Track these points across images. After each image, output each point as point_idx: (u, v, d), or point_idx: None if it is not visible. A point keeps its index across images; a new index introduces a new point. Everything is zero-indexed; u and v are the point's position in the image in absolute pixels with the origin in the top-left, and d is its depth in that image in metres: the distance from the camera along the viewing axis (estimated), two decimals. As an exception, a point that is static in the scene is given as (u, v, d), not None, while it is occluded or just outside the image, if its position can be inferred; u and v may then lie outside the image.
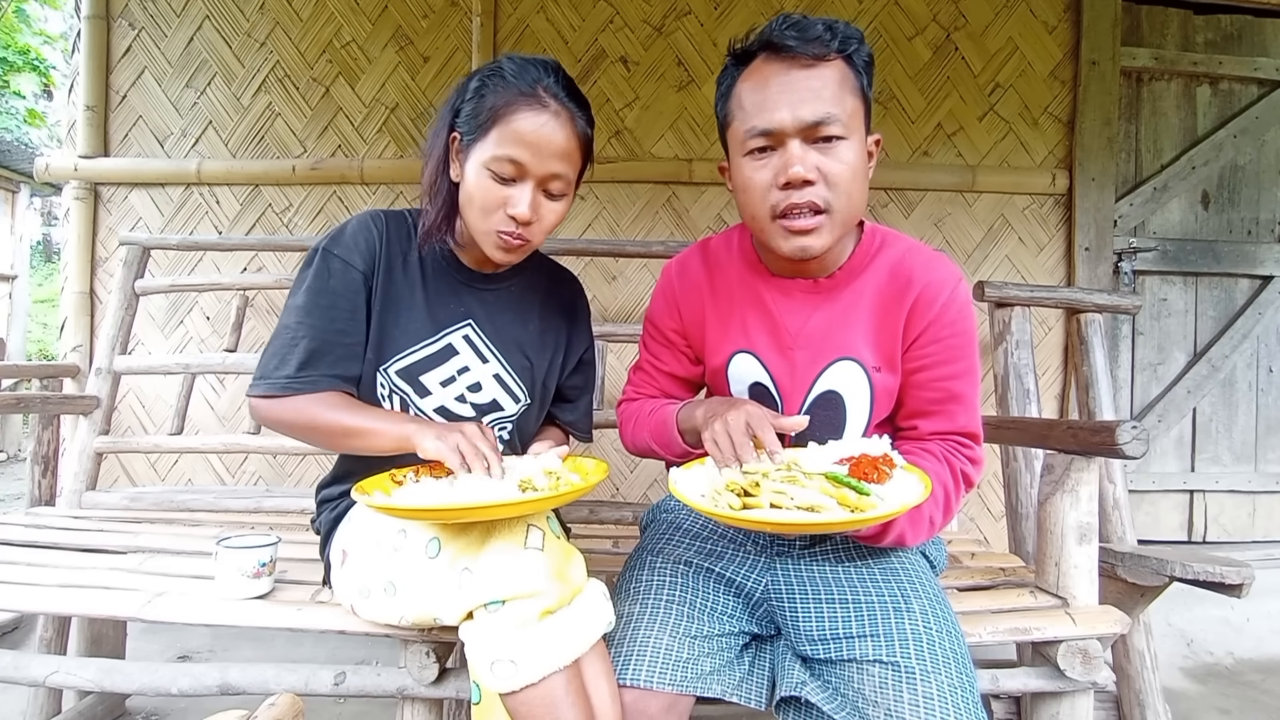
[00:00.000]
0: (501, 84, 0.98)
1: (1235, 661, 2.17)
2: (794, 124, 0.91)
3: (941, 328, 1.00)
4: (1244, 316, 2.45)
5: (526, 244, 1.03)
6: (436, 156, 1.05)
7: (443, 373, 1.09)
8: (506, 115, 0.97)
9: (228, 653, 2.07)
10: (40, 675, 1.15)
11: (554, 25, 2.31)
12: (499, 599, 0.85)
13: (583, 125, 1.03)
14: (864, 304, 1.02)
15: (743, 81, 0.96)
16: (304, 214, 2.32)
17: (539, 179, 0.99)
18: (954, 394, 1.01)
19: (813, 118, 0.91)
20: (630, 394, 1.20)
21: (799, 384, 1.04)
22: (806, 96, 0.91)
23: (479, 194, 0.99)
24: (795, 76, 0.91)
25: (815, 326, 1.03)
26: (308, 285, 1.03)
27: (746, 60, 0.97)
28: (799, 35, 0.91)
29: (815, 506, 0.82)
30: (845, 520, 0.80)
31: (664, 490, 2.22)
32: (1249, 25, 2.45)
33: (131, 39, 2.32)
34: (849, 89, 0.93)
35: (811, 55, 0.91)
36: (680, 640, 0.95)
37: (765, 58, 0.94)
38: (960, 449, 1.01)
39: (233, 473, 2.31)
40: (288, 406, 1.00)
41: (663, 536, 1.12)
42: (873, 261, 1.04)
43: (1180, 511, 2.49)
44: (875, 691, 0.89)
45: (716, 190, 2.31)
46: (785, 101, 0.91)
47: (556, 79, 1.01)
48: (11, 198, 6.78)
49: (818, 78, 0.91)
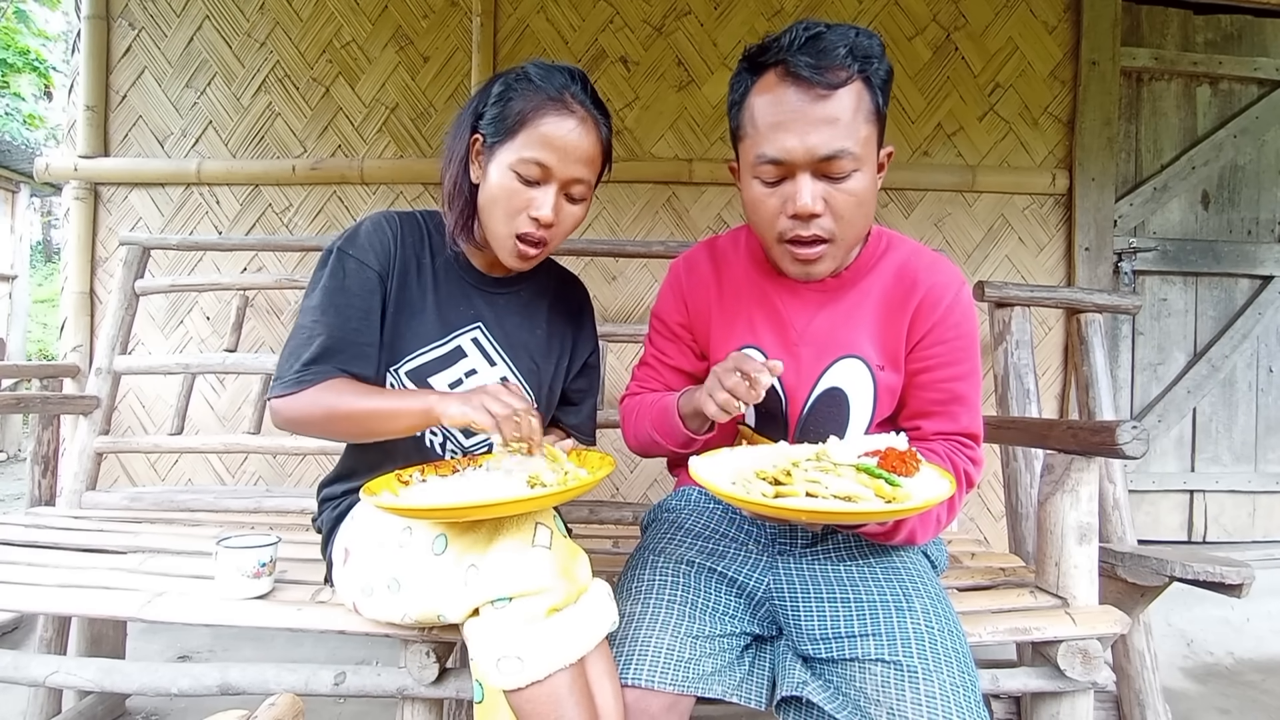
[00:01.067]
0: (529, 88, 1.00)
1: (1235, 661, 2.17)
2: (805, 156, 0.90)
3: (945, 330, 1.01)
4: (1244, 316, 2.46)
5: (544, 247, 1.04)
6: (458, 158, 1.06)
7: (451, 375, 1.09)
8: (534, 119, 0.99)
9: (228, 653, 2.07)
10: (40, 675, 1.15)
11: (554, 25, 2.31)
12: (506, 595, 0.85)
13: (605, 133, 1.05)
14: (869, 304, 1.04)
15: (756, 95, 0.94)
16: (304, 214, 2.32)
17: (562, 182, 1.01)
18: (957, 395, 1.02)
19: (825, 153, 0.90)
20: (634, 389, 1.21)
21: (804, 380, 1.05)
22: (820, 128, 0.89)
23: (503, 195, 1.01)
24: (809, 106, 0.89)
25: (821, 324, 1.05)
26: (323, 285, 1.04)
27: (760, 70, 0.94)
28: (814, 64, 0.88)
29: (852, 496, 0.82)
30: (883, 510, 0.80)
31: (664, 490, 2.23)
32: (1249, 25, 2.45)
33: (131, 39, 2.32)
34: (864, 115, 0.91)
35: (827, 84, 0.88)
36: (682, 640, 0.95)
37: (780, 74, 0.91)
38: (962, 449, 1.03)
39: (233, 473, 2.31)
40: (302, 401, 0.99)
41: (665, 536, 1.12)
42: (878, 263, 1.05)
43: (1180, 511, 2.49)
44: (877, 690, 0.89)
45: (716, 190, 2.31)
46: (797, 132, 0.89)
47: (583, 87, 1.03)
48: (11, 198, 6.78)
49: (833, 107, 0.89)
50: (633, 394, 1.20)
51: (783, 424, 1.07)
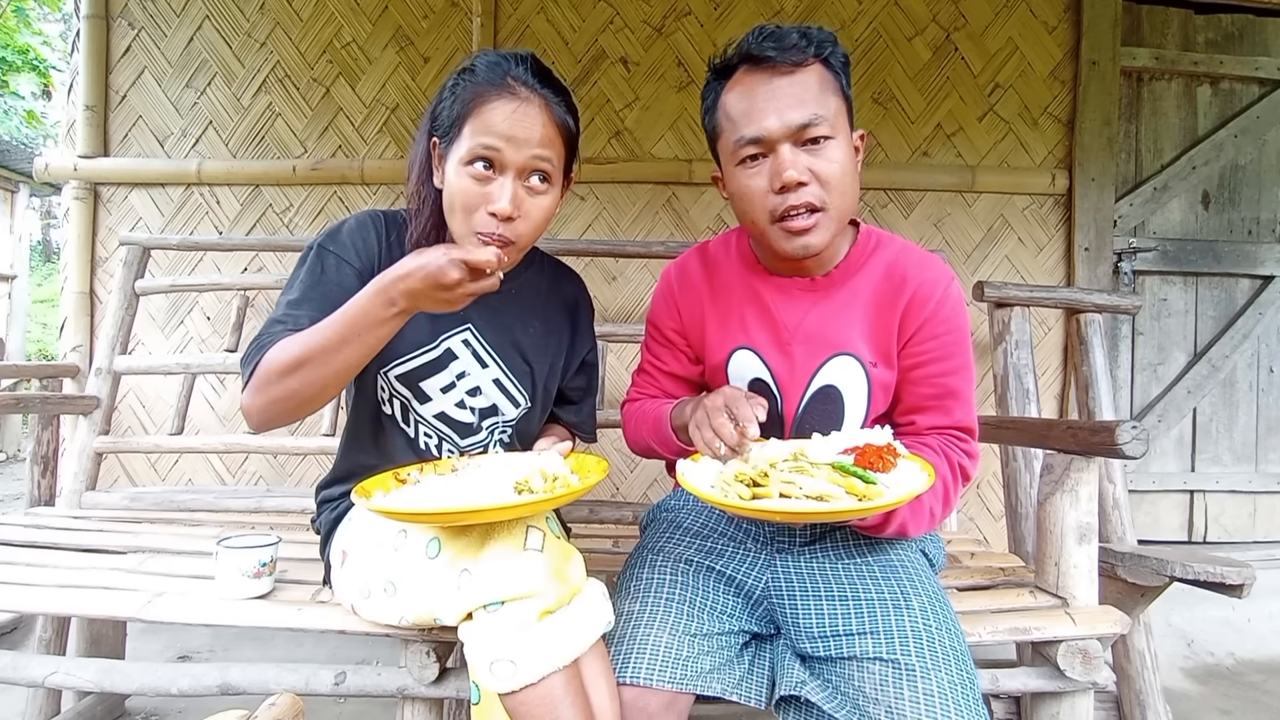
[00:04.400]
0: (472, 79, 0.98)
1: (1236, 662, 2.17)
2: (782, 129, 0.94)
3: (936, 325, 1.02)
4: (1244, 316, 2.45)
5: (512, 245, 0.99)
6: (419, 164, 1.04)
7: (443, 379, 1.08)
8: (476, 108, 0.96)
9: (228, 653, 2.07)
10: (40, 675, 1.15)
11: (554, 26, 2.31)
12: (498, 600, 0.85)
13: (560, 112, 1.00)
14: (860, 301, 1.04)
15: (727, 93, 1.00)
16: (304, 214, 2.32)
17: (517, 170, 0.96)
18: (950, 389, 1.03)
19: (800, 120, 0.94)
20: (633, 395, 1.22)
21: (798, 379, 1.06)
22: (791, 102, 0.94)
23: (459, 194, 0.96)
24: (778, 84, 0.95)
25: (812, 322, 1.05)
26: (301, 279, 1.01)
27: (728, 74, 1.00)
28: (776, 45, 0.94)
29: (824, 495, 0.83)
30: (854, 509, 0.81)
31: (664, 490, 2.23)
32: (1250, 25, 2.44)
33: (131, 39, 2.32)
34: (830, 90, 0.96)
35: (790, 62, 0.94)
36: (680, 638, 0.96)
37: (746, 69, 0.97)
38: (957, 443, 1.03)
39: (233, 473, 2.31)
40: (256, 381, 0.90)
41: (663, 535, 1.13)
42: (868, 261, 1.06)
43: (1180, 511, 2.49)
44: (875, 689, 0.89)
45: (716, 191, 2.30)
46: (771, 109, 0.94)
47: (526, 67, 0.98)
48: (11, 198, 6.78)
49: (799, 83, 0.95)
50: (632, 400, 1.21)
51: (778, 422, 1.07)
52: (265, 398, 0.91)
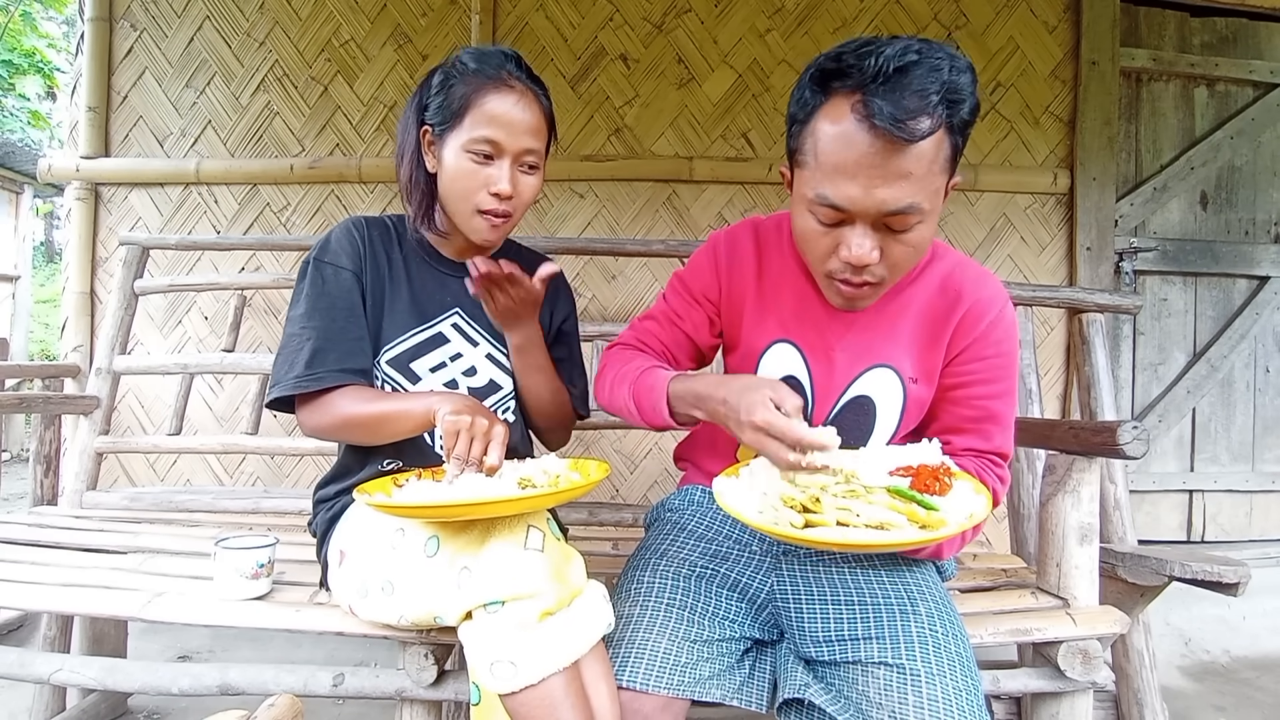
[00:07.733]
0: (468, 73, 1.06)
1: (1231, 659, 2.17)
2: (867, 209, 0.82)
3: (986, 346, 0.99)
4: (1242, 317, 2.46)
5: (508, 220, 1.09)
6: (410, 152, 1.11)
7: (433, 358, 1.14)
8: (478, 99, 1.04)
9: (227, 653, 2.07)
10: (45, 673, 1.16)
11: (553, 23, 2.31)
12: (498, 599, 0.85)
13: (546, 104, 1.10)
14: (911, 314, 1.01)
15: (823, 120, 0.83)
16: (302, 213, 2.32)
17: (514, 155, 1.06)
18: (992, 413, 1.00)
19: (892, 209, 0.82)
20: (630, 339, 1.14)
21: (835, 385, 1.03)
22: (891, 182, 0.80)
23: (461, 177, 1.06)
24: (882, 158, 0.79)
25: (860, 332, 1.02)
26: (305, 294, 1.09)
27: (831, 92, 0.83)
28: (898, 113, 0.77)
29: (885, 524, 0.77)
30: (918, 539, 0.76)
31: (664, 490, 2.23)
32: (1244, 28, 2.45)
33: (133, 40, 2.32)
34: (940, 164, 0.82)
35: (908, 136, 0.78)
36: (679, 644, 0.94)
37: (856, 110, 0.80)
38: (993, 467, 1.00)
39: (231, 473, 2.31)
40: (318, 409, 1.06)
41: (666, 537, 1.11)
42: (923, 273, 1.01)
43: (1179, 511, 2.49)
44: (879, 694, 0.88)
45: (717, 189, 2.31)
46: (864, 183, 0.81)
47: (517, 64, 1.08)
48: (15, 199, 6.78)
49: (909, 161, 0.80)
50: (626, 344, 1.14)
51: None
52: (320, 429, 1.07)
